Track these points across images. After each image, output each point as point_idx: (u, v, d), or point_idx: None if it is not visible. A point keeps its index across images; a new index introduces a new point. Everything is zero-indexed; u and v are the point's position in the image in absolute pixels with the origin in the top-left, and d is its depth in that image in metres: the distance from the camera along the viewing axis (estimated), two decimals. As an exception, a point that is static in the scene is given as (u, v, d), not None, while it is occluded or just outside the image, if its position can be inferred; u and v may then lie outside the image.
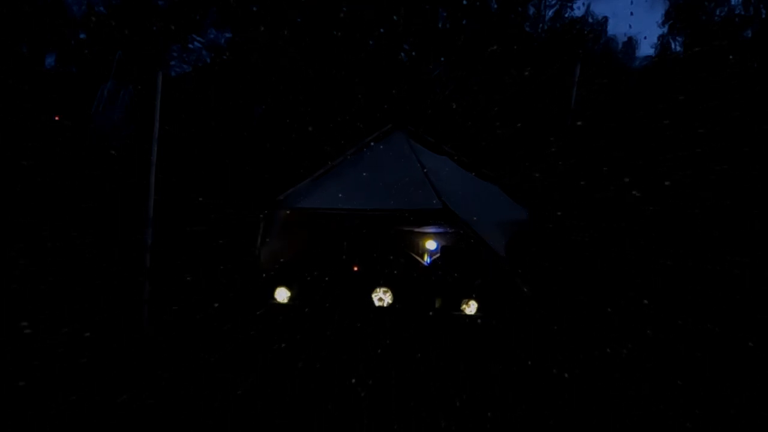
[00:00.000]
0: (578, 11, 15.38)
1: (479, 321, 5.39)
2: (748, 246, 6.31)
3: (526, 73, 10.67)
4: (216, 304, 5.66)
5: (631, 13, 21.84)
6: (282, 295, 5.60)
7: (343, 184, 5.85)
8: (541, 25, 15.26)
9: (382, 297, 5.57)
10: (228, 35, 13.72)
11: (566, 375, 4.42)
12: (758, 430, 3.90)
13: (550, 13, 15.39)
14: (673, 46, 14.78)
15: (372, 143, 6.34)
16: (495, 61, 11.57)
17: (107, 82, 10.09)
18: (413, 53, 13.40)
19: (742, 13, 13.67)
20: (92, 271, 6.45)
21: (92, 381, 4.16)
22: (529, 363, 4.63)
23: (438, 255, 6.85)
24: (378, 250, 6.03)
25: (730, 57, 10.63)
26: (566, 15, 15.38)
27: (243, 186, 7.96)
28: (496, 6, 14.21)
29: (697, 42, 13.17)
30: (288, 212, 5.95)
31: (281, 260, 6.11)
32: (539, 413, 3.93)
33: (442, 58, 13.09)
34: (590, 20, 15.31)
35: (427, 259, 6.96)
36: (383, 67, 11.95)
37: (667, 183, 6.84)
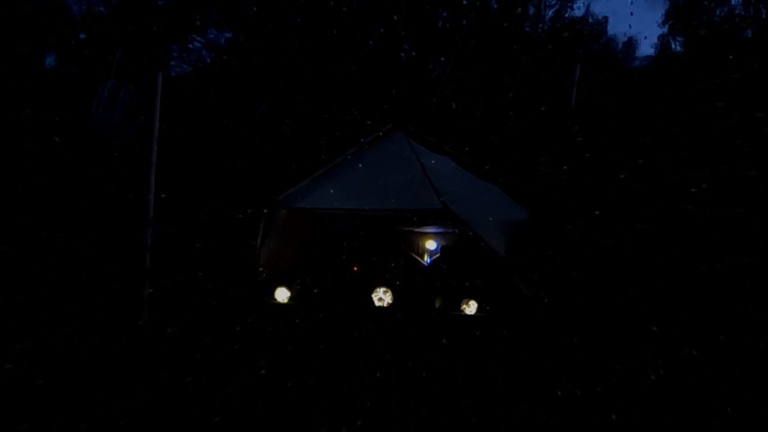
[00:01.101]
0: (578, 11, 15.41)
1: (479, 321, 5.39)
2: (748, 246, 6.32)
3: (526, 73, 10.67)
4: (215, 304, 5.66)
5: (631, 13, 21.85)
6: (282, 295, 5.60)
7: (343, 184, 5.85)
8: (541, 25, 15.27)
9: (382, 297, 5.57)
10: (228, 35, 13.73)
11: (566, 374, 4.41)
12: (758, 430, 3.90)
13: (550, 13, 15.40)
14: (673, 46, 14.79)
15: (372, 143, 6.34)
16: (495, 61, 11.58)
17: (107, 82, 10.09)
18: (413, 53, 13.40)
19: (742, 13, 13.68)
20: (92, 271, 6.44)
21: (92, 381, 4.16)
22: (530, 363, 4.62)
23: (438, 255, 6.85)
24: (378, 250, 6.03)
25: (730, 57, 10.62)
26: (566, 15, 15.39)
27: (243, 186, 7.96)
28: (496, 6, 14.21)
29: (697, 42, 13.16)
30: (288, 212, 5.95)
31: (281, 260, 6.11)
32: (539, 413, 3.93)
33: (442, 58, 13.09)
34: (590, 20, 15.33)
35: (427, 259, 6.96)
36: (383, 67, 11.95)
37: (667, 183, 6.84)
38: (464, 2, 13.45)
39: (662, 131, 7.74)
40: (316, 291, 5.56)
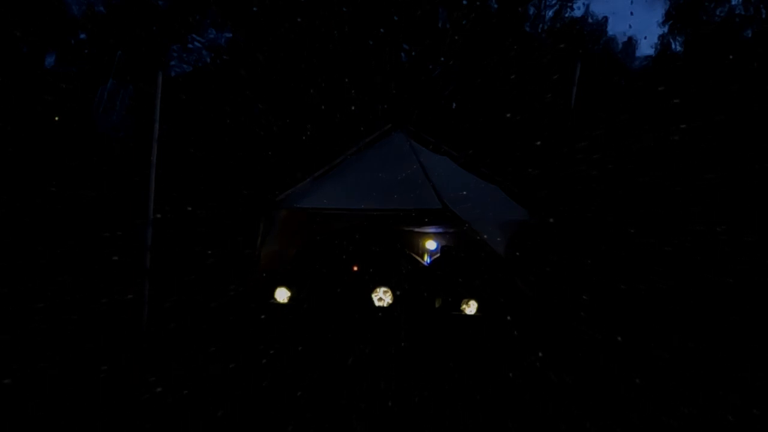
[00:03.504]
0: (578, 11, 15.43)
1: (479, 321, 5.39)
2: (747, 245, 6.32)
3: (526, 73, 10.68)
4: (215, 305, 5.65)
5: (631, 13, 21.95)
6: (282, 295, 5.59)
7: (343, 184, 5.85)
8: (541, 25, 15.27)
9: (382, 297, 5.57)
10: (228, 35, 13.74)
11: (567, 375, 4.41)
12: (756, 429, 3.89)
13: (550, 13, 15.41)
14: (673, 46, 14.79)
15: (372, 143, 6.34)
16: (495, 61, 11.58)
17: (107, 83, 10.10)
18: (413, 53, 13.41)
19: (742, 13, 13.68)
20: (92, 271, 6.44)
21: (92, 381, 4.16)
22: (529, 363, 4.62)
23: (438, 255, 6.85)
24: (378, 250, 6.02)
25: (730, 57, 10.63)
26: (566, 15, 15.41)
27: (243, 186, 7.96)
28: (496, 6, 14.22)
29: (697, 42, 13.17)
30: (288, 212, 5.95)
31: (281, 260, 6.11)
32: (539, 413, 3.93)
33: (442, 58, 13.10)
34: (590, 20, 15.35)
35: (427, 259, 6.96)
36: (383, 67, 11.96)
37: (667, 183, 6.84)
38: (464, 2, 13.45)
39: (661, 131, 7.75)
40: (316, 291, 5.55)
